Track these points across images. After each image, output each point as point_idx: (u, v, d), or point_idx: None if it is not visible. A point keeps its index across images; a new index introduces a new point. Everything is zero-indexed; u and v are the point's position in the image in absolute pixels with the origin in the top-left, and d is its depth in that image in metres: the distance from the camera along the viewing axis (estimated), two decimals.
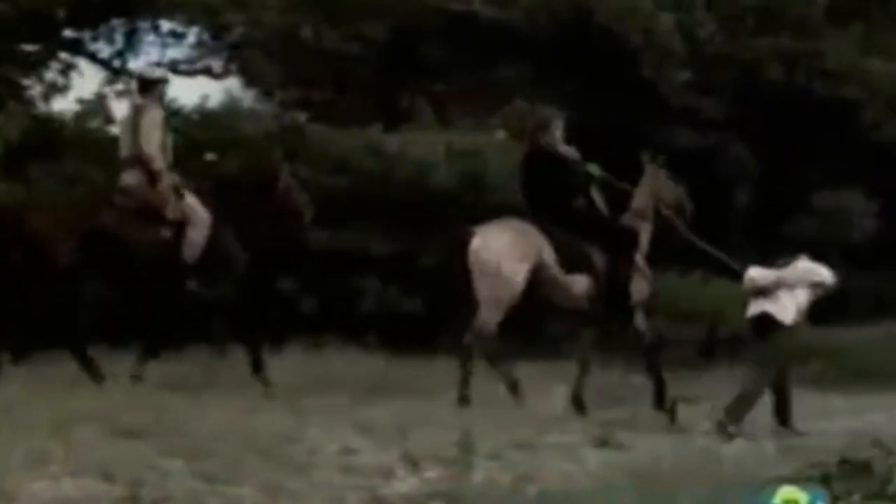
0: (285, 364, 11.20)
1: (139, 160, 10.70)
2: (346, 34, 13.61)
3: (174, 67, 15.97)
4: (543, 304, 11.08)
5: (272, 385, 10.46)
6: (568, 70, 14.55)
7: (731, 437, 9.58)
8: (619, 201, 11.41)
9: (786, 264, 10.61)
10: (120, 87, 15.73)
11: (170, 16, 15.53)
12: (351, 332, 12.83)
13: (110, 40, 15.79)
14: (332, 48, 13.71)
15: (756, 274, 10.61)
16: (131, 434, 7.56)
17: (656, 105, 14.31)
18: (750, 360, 10.87)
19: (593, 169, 11.19)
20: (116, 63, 15.87)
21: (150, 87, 11.05)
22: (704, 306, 14.79)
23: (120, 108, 15.51)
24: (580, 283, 10.94)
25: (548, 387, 11.23)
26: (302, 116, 16.06)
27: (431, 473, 7.43)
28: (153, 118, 10.80)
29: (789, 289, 10.51)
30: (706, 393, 11.92)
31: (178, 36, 16.15)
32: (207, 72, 16.43)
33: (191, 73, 16.27)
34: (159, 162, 10.70)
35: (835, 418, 10.80)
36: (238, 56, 16.23)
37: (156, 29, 15.99)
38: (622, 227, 11.38)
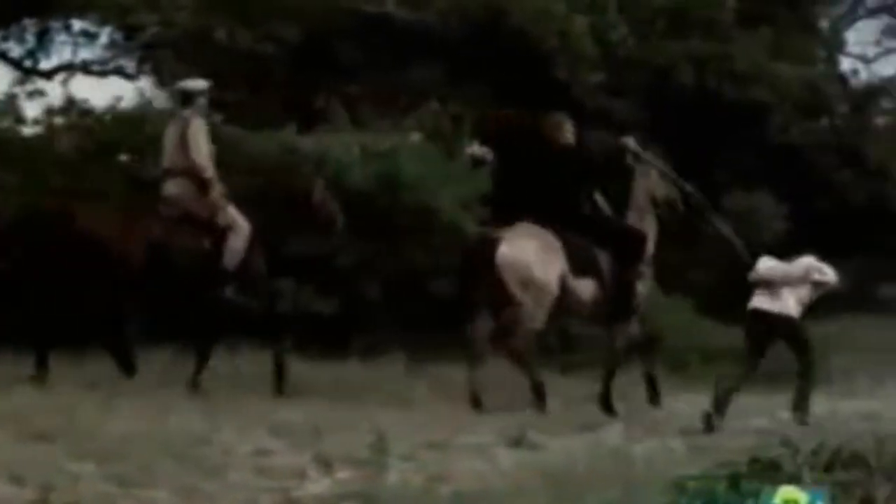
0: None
1: (188, 170, 11.06)
2: (260, 35, 13.56)
3: (86, 68, 15.85)
4: (560, 309, 11.36)
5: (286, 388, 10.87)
6: (482, 71, 14.61)
7: (711, 429, 9.98)
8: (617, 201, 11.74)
9: (792, 260, 11.01)
10: (30, 87, 15.57)
11: (82, 16, 15.38)
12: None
13: (21, 40, 15.60)
14: (245, 49, 13.66)
15: (763, 267, 10.92)
16: (42, 437, 7.51)
17: (570, 107, 14.39)
18: (743, 352, 11.14)
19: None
20: (28, 63, 15.70)
21: (191, 99, 11.34)
22: None
23: (32, 109, 15.40)
24: (588, 288, 11.34)
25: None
26: (217, 118, 15.97)
27: (344, 474, 7.45)
28: (200, 129, 11.16)
29: (793, 285, 10.89)
30: (618, 393, 12.03)
31: (90, 36, 15.98)
32: (120, 72, 16.30)
33: (103, 74, 16.14)
34: (210, 171, 11.07)
35: (745, 417, 10.92)
36: (151, 56, 16.12)
37: (67, 29, 15.81)
38: (632, 229, 11.76)
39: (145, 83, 17.26)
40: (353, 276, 14.20)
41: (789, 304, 10.81)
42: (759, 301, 10.89)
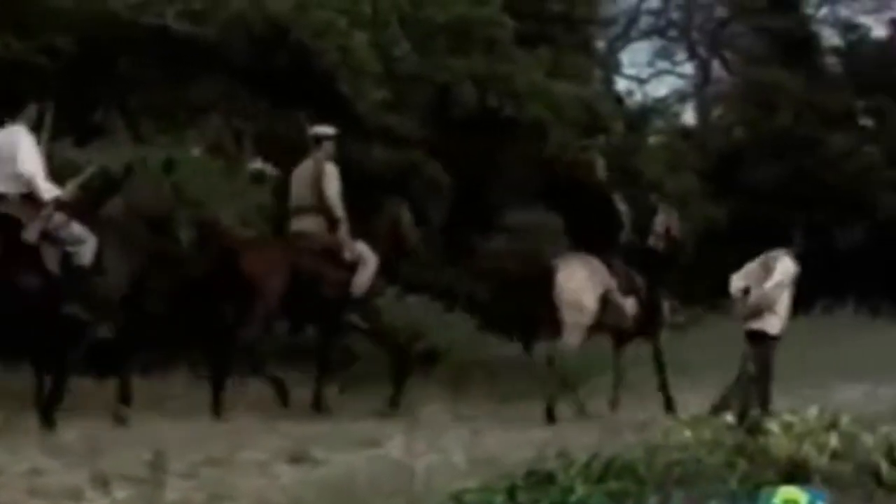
0: None
1: (320, 208, 12.30)
2: (36, 46, 13.24)
3: None
4: (605, 325, 13.31)
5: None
6: (264, 86, 14.52)
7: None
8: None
9: (769, 263, 11.70)
10: None
11: None
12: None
13: None
14: (20, 60, 13.32)
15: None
16: None
17: (352, 122, 14.43)
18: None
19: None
20: None
21: (321, 142, 12.51)
22: (401, 322, 14.99)
23: None
24: (630, 305, 13.28)
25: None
26: None
27: (122, 493, 7.34)
28: (332, 171, 12.40)
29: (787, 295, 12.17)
30: (403, 407, 12.14)
31: None
32: None
33: None
34: (341, 210, 12.32)
35: (524, 430, 11.09)
36: None
37: None
38: (660, 253, 13.91)
39: None
40: (132, 291, 13.94)
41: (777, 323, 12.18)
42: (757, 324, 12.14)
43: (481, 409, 12.87)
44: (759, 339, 12.11)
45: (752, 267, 12.31)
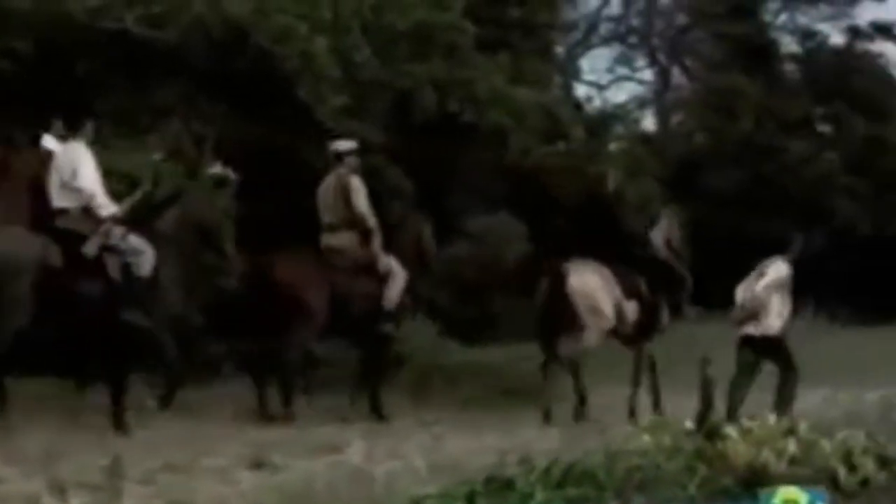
0: None
1: (351, 223, 12.64)
2: None
3: None
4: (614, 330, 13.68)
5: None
6: (225, 91, 14.47)
7: None
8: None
9: (763, 269, 11.94)
10: None
11: None
12: None
13: None
14: None
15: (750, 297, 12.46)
16: None
17: (313, 128, 14.40)
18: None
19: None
20: None
21: (343, 157, 12.81)
22: None
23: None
24: (632, 310, 13.68)
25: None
26: None
27: (79, 500, 7.29)
28: (358, 184, 12.71)
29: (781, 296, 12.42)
30: (365, 413, 12.14)
31: None
32: None
33: None
34: (373, 221, 12.65)
35: (485, 436, 11.10)
36: None
37: None
38: (665, 262, 14.20)
39: None
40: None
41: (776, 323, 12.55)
42: (755, 328, 12.53)
43: (443, 414, 12.88)
44: (760, 345, 12.38)
45: (750, 276, 12.68)
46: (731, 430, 7.00)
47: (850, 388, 14.13)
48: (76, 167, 10.75)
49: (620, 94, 34.87)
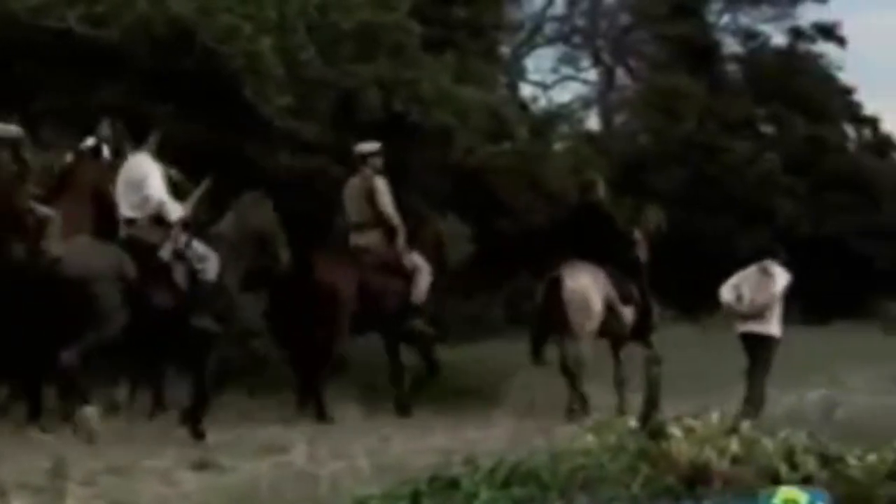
0: None
1: (377, 222, 13.25)
2: None
3: None
4: (607, 331, 13.89)
5: None
6: (168, 90, 14.39)
7: None
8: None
9: (768, 268, 12.28)
10: None
11: None
12: None
13: None
14: None
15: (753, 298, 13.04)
16: None
17: (257, 127, 14.37)
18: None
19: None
20: None
21: (367, 159, 13.43)
22: None
23: None
24: (628, 313, 13.93)
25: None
26: None
27: (21, 502, 7.25)
28: (383, 185, 13.30)
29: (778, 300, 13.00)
30: (310, 413, 12.13)
31: None
32: None
33: None
34: (398, 220, 13.26)
35: (431, 436, 11.11)
36: None
37: None
38: (643, 261, 14.38)
39: None
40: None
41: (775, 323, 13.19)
42: (753, 326, 13.19)
43: (390, 415, 12.89)
44: (759, 342, 13.01)
45: (746, 274, 13.03)
46: (674, 429, 7.04)
47: (794, 390, 14.25)
48: (144, 178, 11.06)
49: (565, 94, 35.01)
